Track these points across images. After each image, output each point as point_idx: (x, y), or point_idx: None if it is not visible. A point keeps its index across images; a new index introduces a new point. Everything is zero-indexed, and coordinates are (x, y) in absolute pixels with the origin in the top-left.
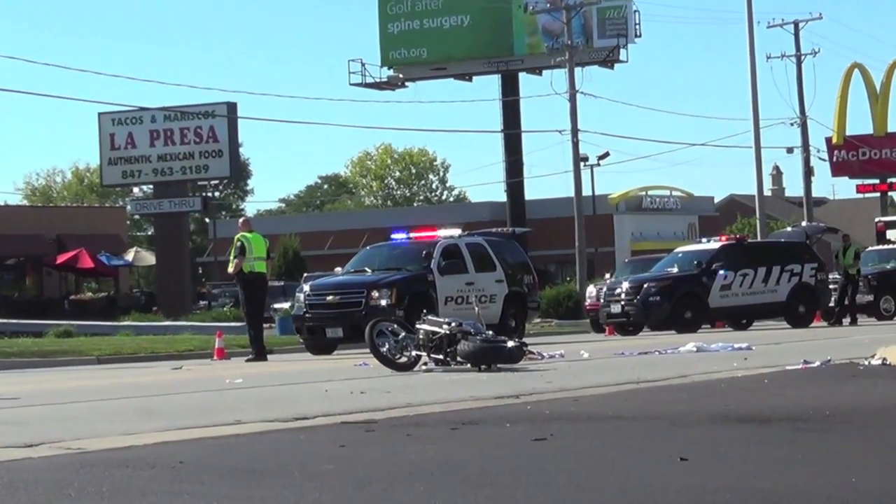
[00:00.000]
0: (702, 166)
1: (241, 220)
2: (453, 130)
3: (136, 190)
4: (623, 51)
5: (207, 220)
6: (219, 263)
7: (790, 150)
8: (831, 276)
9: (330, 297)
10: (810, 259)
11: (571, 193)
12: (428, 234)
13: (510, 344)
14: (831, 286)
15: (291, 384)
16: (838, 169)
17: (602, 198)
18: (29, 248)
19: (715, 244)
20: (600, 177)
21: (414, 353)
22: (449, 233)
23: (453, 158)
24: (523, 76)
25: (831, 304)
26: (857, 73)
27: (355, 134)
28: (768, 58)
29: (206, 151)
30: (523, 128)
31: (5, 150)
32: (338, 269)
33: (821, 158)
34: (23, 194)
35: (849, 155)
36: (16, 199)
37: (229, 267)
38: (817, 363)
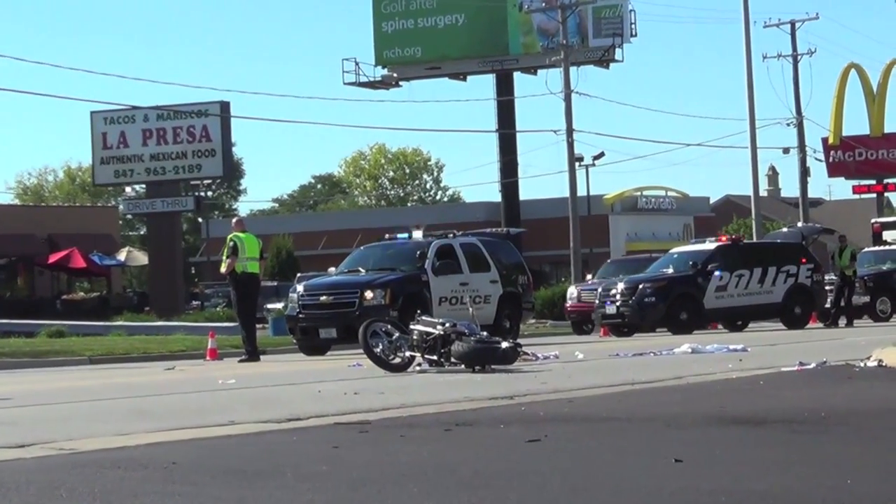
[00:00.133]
0: (697, 167)
1: (234, 220)
2: (448, 130)
3: (128, 189)
4: (619, 50)
5: (200, 219)
6: (211, 263)
7: (786, 150)
8: (827, 277)
9: (323, 298)
10: (806, 260)
11: (566, 194)
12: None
13: (504, 345)
14: (827, 287)
15: (284, 385)
16: (834, 169)
17: (597, 198)
18: (21, 248)
19: (711, 245)
20: (595, 177)
21: (408, 353)
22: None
23: (448, 158)
24: (518, 76)
25: (827, 305)
26: (853, 73)
27: (349, 133)
28: (765, 58)
29: (199, 151)
30: (518, 128)
31: None
32: (331, 269)
33: (817, 159)
34: (14, 193)
35: (845, 155)
36: (7, 199)
37: (222, 267)
38: (813, 365)
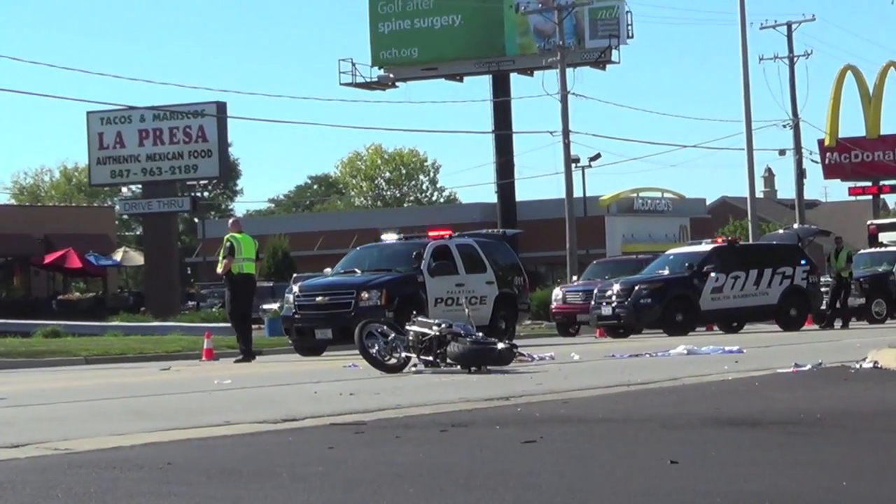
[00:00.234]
0: (694, 168)
1: (230, 221)
2: (444, 131)
3: (124, 189)
4: (615, 52)
5: (196, 220)
6: (207, 264)
7: (782, 152)
8: (823, 278)
9: (319, 298)
10: (802, 262)
11: (562, 195)
12: (438, 233)
13: (500, 346)
14: (823, 289)
15: (280, 385)
16: (830, 171)
17: (593, 199)
18: (17, 248)
19: (707, 246)
20: (591, 178)
21: (403, 354)
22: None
23: (444, 159)
24: (514, 77)
25: (823, 307)
26: (849, 75)
27: (345, 134)
28: (761, 59)
29: (196, 151)
30: (514, 129)
31: None
32: (327, 269)
33: (813, 161)
34: (10, 193)
35: (841, 157)
36: (3, 199)
37: (218, 267)
38: (808, 366)
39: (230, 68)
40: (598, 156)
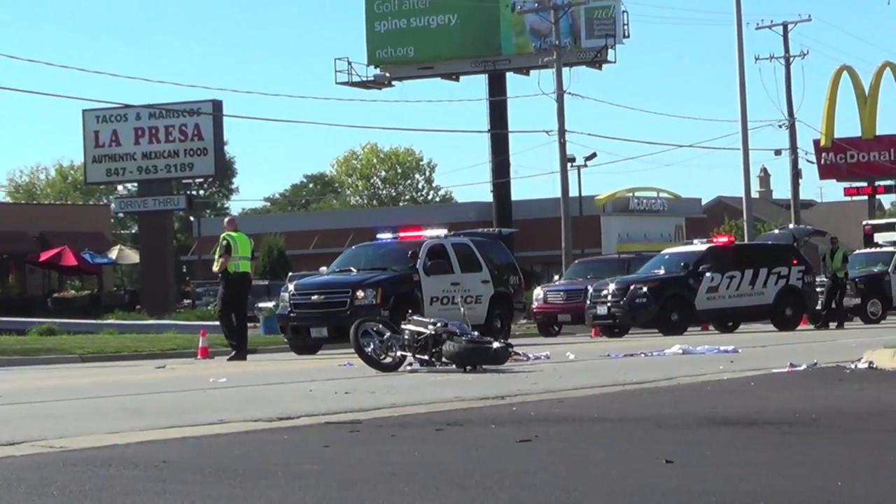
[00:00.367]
0: (689, 168)
1: (226, 220)
2: (440, 130)
3: (120, 188)
4: (611, 51)
5: (192, 218)
6: (203, 262)
7: (778, 152)
8: (818, 279)
9: (315, 297)
10: (797, 262)
11: (558, 194)
12: (414, 233)
13: (495, 345)
14: (818, 289)
15: (275, 384)
16: (826, 171)
17: (589, 199)
18: (12, 246)
19: (702, 246)
20: (587, 178)
21: (399, 353)
22: (435, 233)
23: (439, 158)
24: (510, 76)
25: (818, 307)
26: (845, 75)
27: (341, 133)
28: (757, 59)
29: (191, 149)
30: (510, 128)
31: None
32: (323, 268)
33: (809, 161)
34: (6, 191)
35: (836, 157)
36: None
37: (214, 265)
38: (804, 366)
39: (226, 67)
40: (593, 155)
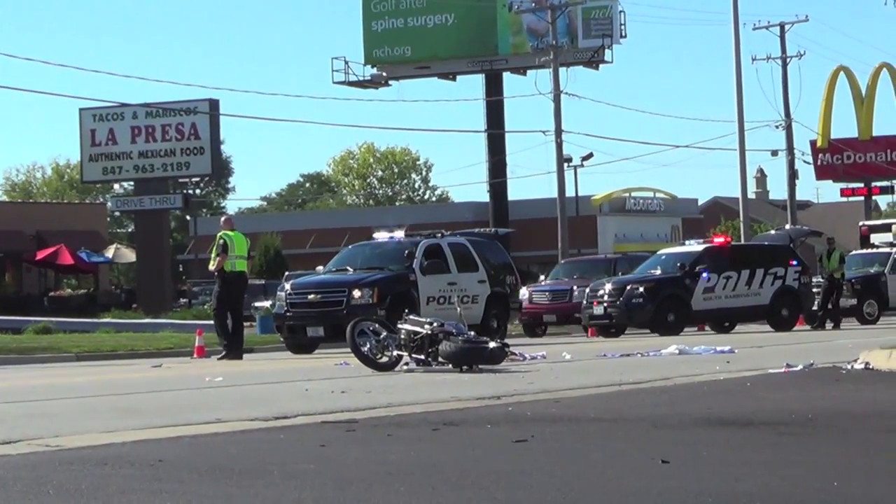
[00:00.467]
0: (686, 168)
1: (223, 219)
2: (436, 130)
3: (116, 186)
4: (608, 51)
5: (188, 217)
6: (199, 261)
7: (775, 152)
8: (815, 279)
9: (311, 296)
10: (794, 262)
11: (555, 194)
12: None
13: (492, 345)
14: (815, 290)
15: (271, 383)
16: (822, 172)
17: (585, 199)
18: (8, 244)
19: (699, 246)
20: (584, 178)
21: (395, 352)
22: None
23: (436, 158)
24: (507, 76)
25: (814, 307)
26: (842, 76)
27: (338, 132)
28: (754, 60)
29: (188, 148)
30: (507, 128)
31: None
32: (319, 267)
33: (805, 161)
34: (2, 190)
35: (833, 158)
36: None
37: (211, 264)
38: (800, 367)
39: (223, 66)
40: (590, 155)
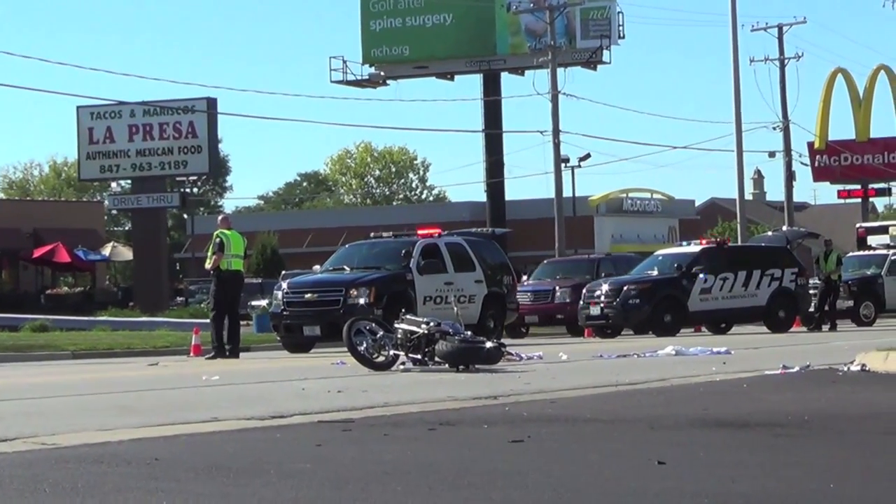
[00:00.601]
0: (683, 169)
1: (220, 218)
2: (434, 129)
3: (114, 185)
4: (606, 52)
5: (185, 216)
6: (196, 259)
7: (772, 154)
8: (811, 281)
9: (308, 296)
10: (791, 264)
11: (552, 194)
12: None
13: (488, 345)
14: (811, 291)
15: (268, 382)
16: (820, 174)
17: (582, 199)
18: (5, 242)
19: (695, 247)
20: (581, 178)
21: (392, 352)
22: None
23: (434, 157)
24: (505, 76)
25: (811, 309)
26: (840, 77)
27: (335, 131)
28: (752, 61)
29: (185, 147)
30: (504, 128)
31: None
32: (316, 267)
33: (802, 163)
34: None
35: (830, 160)
36: None
37: (207, 263)
38: (796, 368)
39: (221, 65)
40: (587, 156)
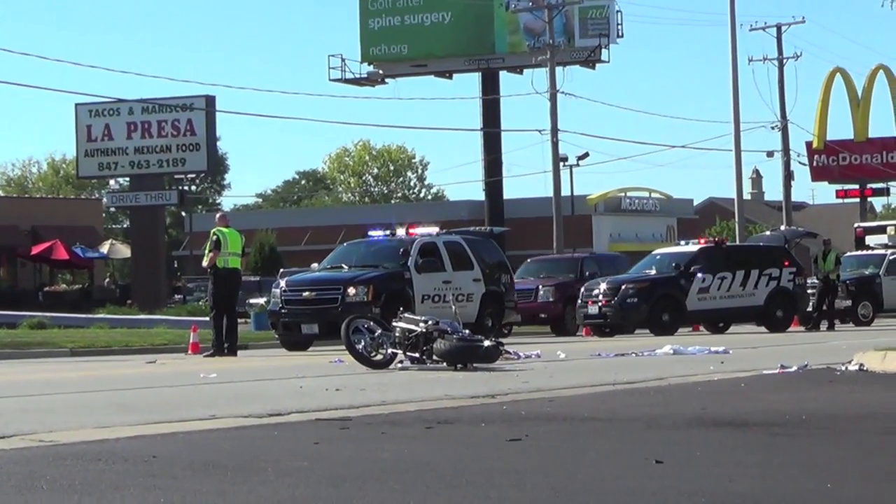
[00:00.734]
0: (681, 168)
1: (218, 215)
2: (432, 128)
3: (112, 182)
4: (605, 51)
5: (184, 213)
6: (194, 257)
7: (770, 153)
8: (809, 280)
9: (306, 294)
10: (789, 263)
11: (550, 193)
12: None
13: (486, 343)
14: (809, 291)
15: (266, 380)
16: (818, 174)
17: (581, 198)
18: (3, 239)
19: (693, 246)
20: (579, 177)
21: (390, 350)
22: (427, 231)
23: (432, 156)
24: (504, 75)
25: (809, 308)
26: (838, 77)
27: (334, 130)
28: (750, 61)
29: (184, 145)
30: (503, 127)
31: None
32: (314, 265)
33: (801, 163)
34: None
35: (829, 160)
36: None
37: (204, 261)
38: (794, 368)
39: (220, 62)
40: (586, 155)
